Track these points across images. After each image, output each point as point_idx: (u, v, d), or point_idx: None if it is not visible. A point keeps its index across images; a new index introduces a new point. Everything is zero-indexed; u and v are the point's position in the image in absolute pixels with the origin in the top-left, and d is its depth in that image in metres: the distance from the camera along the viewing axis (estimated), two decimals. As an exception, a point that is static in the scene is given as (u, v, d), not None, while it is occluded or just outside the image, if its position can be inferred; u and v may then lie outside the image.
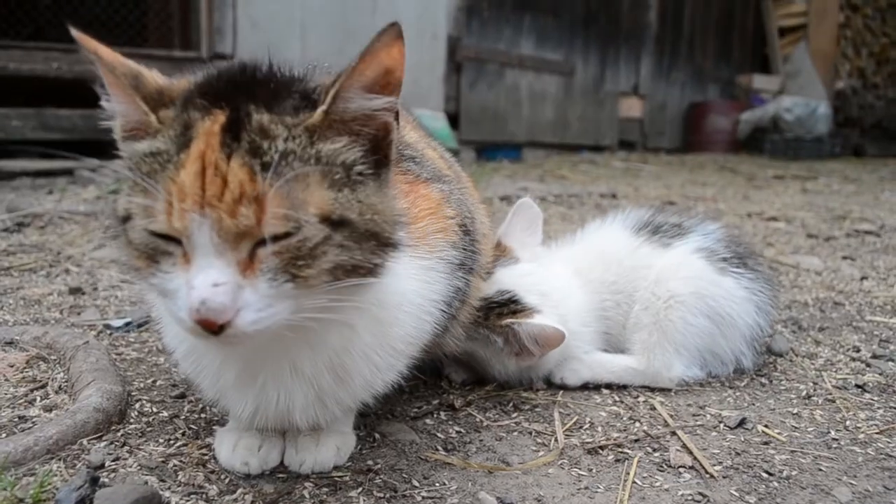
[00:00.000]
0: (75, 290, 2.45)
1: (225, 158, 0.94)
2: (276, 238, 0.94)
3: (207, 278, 0.92)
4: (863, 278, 2.97)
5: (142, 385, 1.70)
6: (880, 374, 1.88)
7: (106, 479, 1.24)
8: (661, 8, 10.78)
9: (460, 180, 1.53)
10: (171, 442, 1.41)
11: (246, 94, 1.01)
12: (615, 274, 1.80)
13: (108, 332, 2.07)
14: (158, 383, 1.72)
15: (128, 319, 2.12)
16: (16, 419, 1.46)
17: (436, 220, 1.29)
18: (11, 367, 1.76)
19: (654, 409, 1.64)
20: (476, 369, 1.74)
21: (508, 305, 1.63)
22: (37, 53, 6.11)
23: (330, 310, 1.00)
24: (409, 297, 1.22)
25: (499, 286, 1.67)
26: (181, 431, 1.46)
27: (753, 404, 1.69)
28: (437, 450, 1.41)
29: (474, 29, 8.44)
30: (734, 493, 1.28)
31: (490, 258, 1.67)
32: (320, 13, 6.92)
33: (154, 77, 1.11)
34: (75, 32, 1.08)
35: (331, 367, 1.17)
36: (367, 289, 1.06)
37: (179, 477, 1.27)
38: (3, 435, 1.38)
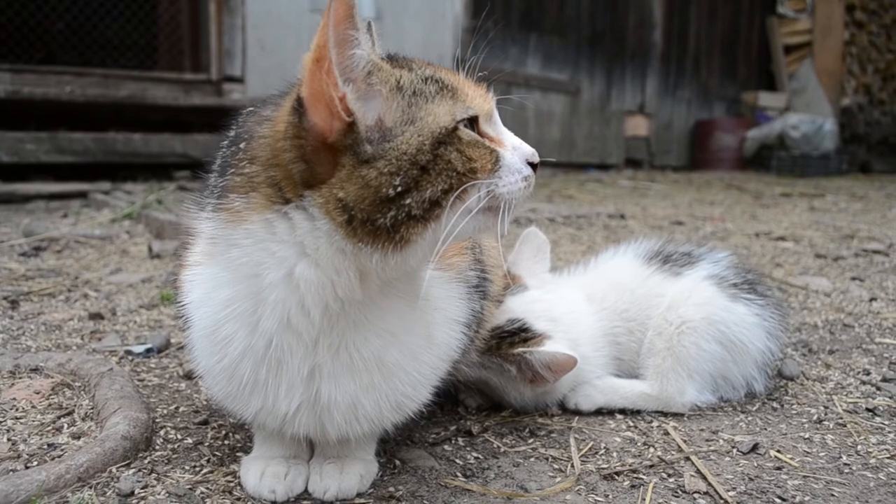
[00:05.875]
0: (95, 316, 2.49)
1: None
2: None
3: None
4: (872, 299, 2.99)
5: (165, 412, 1.74)
6: (890, 398, 1.90)
7: (136, 507, 1.28)
8: (667, 26, 10.88)
9: None
10: (198, 469, 1.44)
11: None
12: (627, 302, 1.84)
13: (130, 358, 2.11)
14: (181, 409, 1.75)
15: (148, 345, 2.16)
16: (45, 446, 1.50)
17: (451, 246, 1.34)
18: (37, 393, 1.80)
19: (667, 434, 1.67)
20: (491, 395, 1.77)
21: (519, 334, 1.67)
22: (50, 77, 6.22)
23: None
24: (442, 314, 1.31)
25: (509, 315, 1.71)
26: (206, 458, 1.49)
27: (765, 429, 1.72)
28: (457, 476, 1.45)
29: (480, 49, 8.52)
30: (748, 518, 1.31)
31: (501, 287, 1.71)
32: (329, 36, 7.00)
33: None
34: None
35: (380, 358, 1.22)
36: None
37: (207, 504, 1.31)
38: (35, 463, 1.42)
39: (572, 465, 1.50)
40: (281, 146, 1.10)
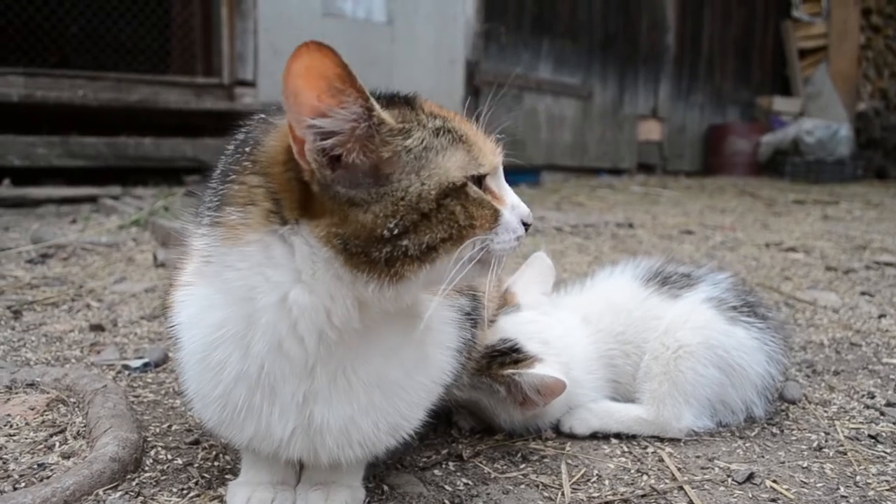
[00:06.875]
0: (96, 327, 2.50)
1: None
2: None
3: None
4: (881, 316, 2.94)
5: (157, 430, 1.73)
6: (894, 424, 1.87)
7: (120, 534, 1.27)
8: (680, 30, 10.81)
9: None
10: (185, 492, 1.44)
11: None
12: (623, 324, 1.82)
13: (127, 372, 2.11)
14: (174, 428, 1.75)
15: (146, 360, 2.16)
16: (35, 466, 1.50)
17: None
18: (32, 409, 1.80)
19: (662, 461, 1.65)
20: (482, 417, 1.76)
21: (510, 354, 1.65)
22: (63, 81, 6.24)
23: None
24: (433, 335, 1.31)
25: (501, 334, 1.69)
26: (194, 480, 1.49)
27: (763, 456, 1.69)
28: (445, 504, 1.43)
29: (492, 53, 8.52)
30: (740, 553, 1.29)
31: (494, 308, 1.70)
32: (340, 41, 6.86)
33: None
34: None
35: (380, 377, 1.22)
36: None
37: (191, 532, 1.30)
38: (23, 484, 1.42)
39: (562, 494, 1.48)
40: (282, 159, 1.09)
